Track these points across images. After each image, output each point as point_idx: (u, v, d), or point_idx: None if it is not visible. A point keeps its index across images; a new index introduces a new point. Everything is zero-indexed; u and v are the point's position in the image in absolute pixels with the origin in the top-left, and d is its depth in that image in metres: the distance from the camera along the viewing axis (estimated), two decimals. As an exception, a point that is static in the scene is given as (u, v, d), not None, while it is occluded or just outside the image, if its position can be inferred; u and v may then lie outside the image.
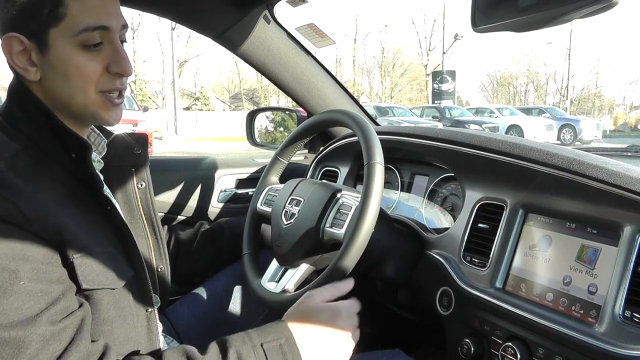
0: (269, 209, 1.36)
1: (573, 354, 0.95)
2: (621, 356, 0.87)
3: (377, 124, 1.97)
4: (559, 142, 18.46)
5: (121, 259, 0.94)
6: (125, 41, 0.98)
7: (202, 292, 1.42)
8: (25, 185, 0.80)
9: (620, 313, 0.91)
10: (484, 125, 16.99)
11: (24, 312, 0.74)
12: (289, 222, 1.23)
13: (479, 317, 1.15)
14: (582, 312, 0.98)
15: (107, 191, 1.03)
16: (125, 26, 0.96)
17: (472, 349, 1.13)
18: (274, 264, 1.28)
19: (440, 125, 16.92)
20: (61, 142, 0.92)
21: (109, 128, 1.16)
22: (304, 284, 1.17)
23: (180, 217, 1.85)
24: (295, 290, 1.18)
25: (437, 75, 26.52)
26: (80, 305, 0.83)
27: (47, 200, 0.82)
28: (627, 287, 0.91)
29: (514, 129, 18.53)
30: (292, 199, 1.27)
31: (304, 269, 1.21)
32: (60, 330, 0.77)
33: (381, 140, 1.14)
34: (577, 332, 0.94)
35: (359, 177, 1.71)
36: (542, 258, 1.08)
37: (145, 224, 1.17)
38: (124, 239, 0.98)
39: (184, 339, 1.33)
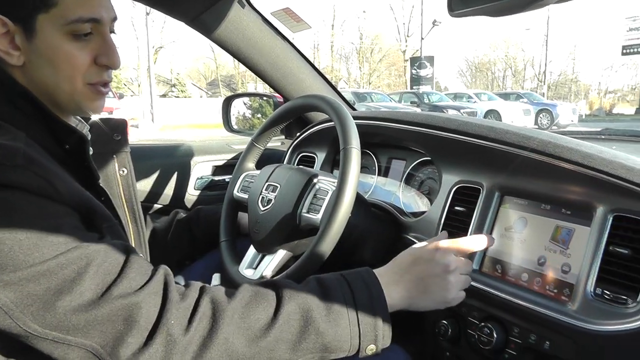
0: (245, 196, 1.35)
1: (547, 332, 0.97)
2: (592, 331, 0.89)
3: (353, 109, 1.97)
4: (536, 126, 18.58)
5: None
6: (115, 32, 0.96)
7: (179, 281, 1.39)
8: (48, 163, 0.79)
9: (592, 291, 0.92)
10: (462, 110, 17.05)
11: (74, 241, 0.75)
12: (265, 208, 1.23)
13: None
14: (555, 291, 1.00)
15: (102, 182, 1.02)
16: (115, 18, 0.94)
17: (450, 330, 1.15)
18: (252, 250, 1.28)
19: (418, 111, 16.98)
20: (51, 133, 0.89)
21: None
22: (282, 270, 1.17)
23: (157, 206, 1.83)
24: (272, 277, 1.18)
25: (415, 61, 26.56)
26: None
27: (70, 180, 0.82)
28: (598, 265, 0.93)
29: (492, 113, 18.64)
30: (268, 185, 1.26)
31: (281, 255, 1.21)
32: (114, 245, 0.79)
33: (358, 125, 1.14)
34: (551, 311, 0.96)
35: (335, 162, 1.71)
36: (517, 239, 1.09)
37: (127, 212, 1.15)
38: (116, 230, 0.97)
39: None
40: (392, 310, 0.92)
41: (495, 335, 1.04)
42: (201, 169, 1.92)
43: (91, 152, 1.06)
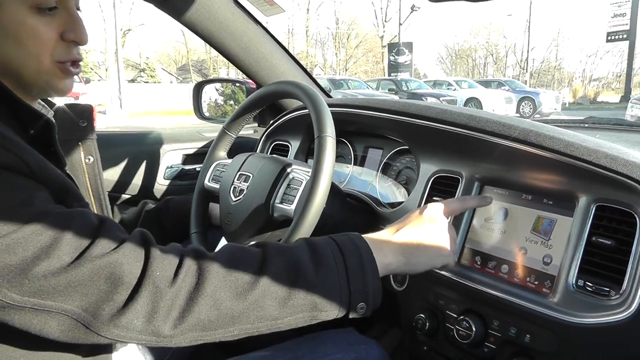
0: (217, 186, 1.33)
1: (527, 325, 0.97)
2: (574, 324, 0.89)
3: (329, 96, 1.95)
4: (518, 114, 18.68)
5: None
6: (80, 9, 0.92)
7: None
8: (20, 140, 0.75)
9: (574, 282, 0.92)
10: (441, 98, 17.10)
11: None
12: (237, 198, 1.21)
13: (433, 291, 1.16)
14: (536, 282, 0.99)
15: (68, 170, 0.99)
16: None
17: (427, 323, 1.14)
18: (223, 242, 1.25)
19: (396, 98, 17.03)
20: (15, 117, 0.85)
21: (50, 99, 1.11)
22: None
23: (125, 196, 1.80)
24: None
25: (393, 47, 26.61)
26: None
27: (42, 158, 0.78)
28: (580, 256, 0.93)
29: (473, 101, 18.75)
30: (240, 174, 1.24)
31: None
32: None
33: (333, 113, 1.12)
34: (532, 303, 0.96)
35: (310, 151, 1.70)
36: (497, 230, 1.09)
37: (93, 202, 1.13)
38: None
39: None
40: (387, 272, 0.93)
41: (474, 329, 1.03)
42: (171, 158, 1.89)
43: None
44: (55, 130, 0.91)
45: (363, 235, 0.94)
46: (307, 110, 1.13)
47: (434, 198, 1.22)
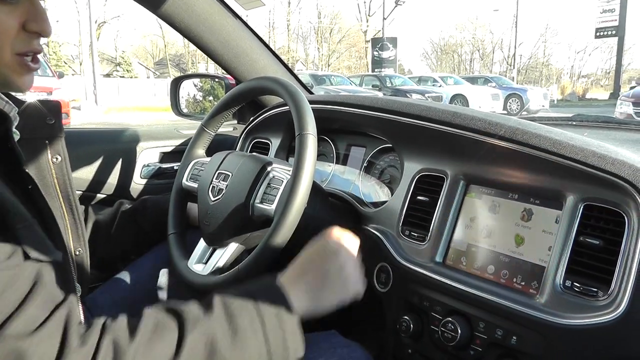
0: (195, 185, 1.31)
1: (514, 326, 0.97)
2: (561, 325, 0.89)
3: (310, 92, 1.95)
4: (505, 112, 18.67)
5: (48, 242, 0.89)
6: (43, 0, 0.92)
7: (124, 277, 1.37)
8: None
9: (561, 283, 0.92)
10: (426, 95, 17.12)
11: None
12: (216, 198, 1.20)
13: (418, 293, 1.15)
14: (523, 283, 1.00)
15: (33, 170, 0.96)
16: None
17: (412, 325, 1.13)
18: (202, 244, 1.24)
19: (380, 95, 17.04)
20: None
21: (19, 96, 1.09)
22: (234, 264, 1.15)
23: (100, 196, 1.77)
24: (223, 271, 1.16)
25: (377, 42, 26.66)
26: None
27: None
28: (568, 256, 0.93)
29: (459, 98, 18.79)
30: (219, 173, 1.23)
31: (233, 248, 1.19)
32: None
33: (315, 110, 1.12)
34: (518, 304, 0.96)
35: (291, 149, 1.69)
36: (483, 230, 1.09)
37: (62, 203, 1.11)
38: (45, 221, 0.91)
39: None
40: (303, 316, 0.90)
41: (459, 331, 1.03)
42: (148, 156, 1.87)
43: (18, 137, 0.99)
44: (11, 125, 0.89)
45: (282, 277, 0.94)
46: (288, 107, 1.13)
47: (418, 197, 1.22)
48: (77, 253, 1.15)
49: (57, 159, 1.10)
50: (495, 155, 1.08)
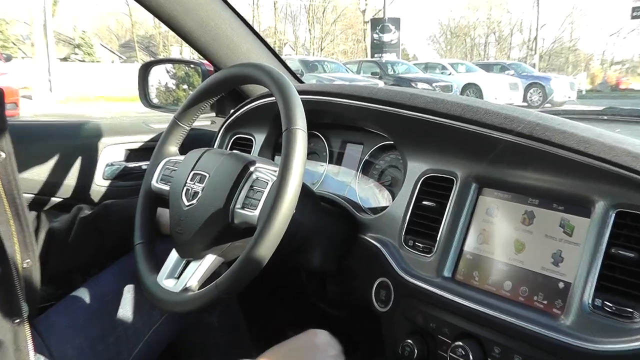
0: (166, 187, 1.31)
1: (535, 352, 0.96)
2: (590, 351, 0.88)
3: (300, 81, 1.96)
4: (525, 104, 18.50)
5: None
6: None
7: (83, 294, 1.36)
8: None
9: (590, 302, 0.92)
10: (434, 84, 17.10)
11: None
12: (191, 203, 1.20)
13: (423, 312, 1.16)
14: (545, 302, 0.99)
15: None
16: None
17: (416, 350, 1.14)
18: (174, 255, 1.24)
19: (381, 84, 17.01)
20: None
21: None
22: (211, 279, 1.15)
23: (54, 200, 1.76)
24: (199, 288, 1.17)
25: (377, 23, 26.61)
26: None
27: None
28: (597, 271, 0.92)
29: (471, 88, 18.72)
30: (195, 174, 1.23)
31: (210, 260, 1.18)
32: None
33: (305, 101, 1.12)
34: (540, 326, 0.95)
35: (277, 146, 1.71)
36: (499, 240, 1.09)
37: (7, 207, 1.10)
38: None
39: (57, 357, 1.23)
40: None
41: (471, 357, 1.03)
42: (112, 154, 1.87)
43: None
44: None
45: None
46: (273, 98, 1.13)
47: (424, 202, 1.23)
48: (25, 265, 1.14)
49: (0, 156, 1.10)
50: (513, 154, 1.09)
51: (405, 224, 1.25)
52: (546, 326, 0.95)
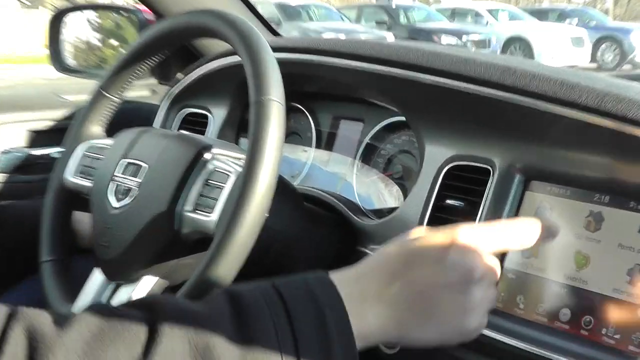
0: (87, 183, 1.31)
1: None
2: None
3: (276, 34, 1.96)
4: (594, 65, 18.60)
5: None
6: None
7: None
8: None
9: None
10: (465, 38, 17.11)
11: None
12: (122, 204, 1.20)
13: (447, 354, 1.15)
14: (617, 336, 0.99)
15: None
16: None
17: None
18: (97, 277, 1.25)
19: (390, 37, 16.96)
20: None
21: None
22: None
23: None
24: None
25: (384, -49, 26.66)
26: None
27: None
28: None
29: (517, 43, 18.64)
30: (127, 164, 1.23)
31: (148, 284, 1.19)
32: None
33: (282, 62, 1.12)
34: None
35: (243, 125, 1.73)
36: (557, 252, 1.10)
37: None
38: None
39: None
40: (366, 346, 0.90)
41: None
42: (8, 137, 1.88)
43: None
44: None
45: (333, 278, 0.91)
46: (238, 59, 1.13)
47: (448, 202, 1.24)
48: None
49: None
50: (574, 136, 1.10)
51: (424, 232, 1.25)
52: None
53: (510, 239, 1.00)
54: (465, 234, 0.95)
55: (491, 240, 0.98)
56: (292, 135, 1.64)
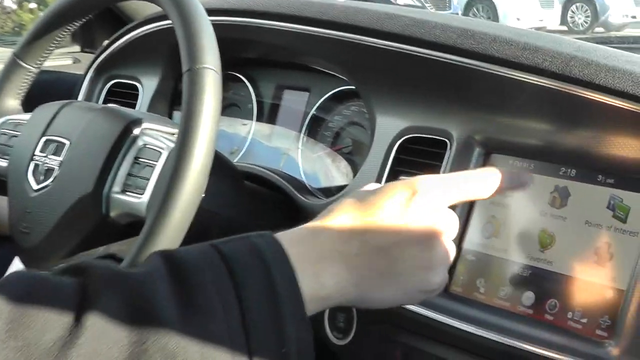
0: (3, 163, 1.32)
1: None
2: None
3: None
4: (564, 27, 18.69)
5: None
6: None
7: None
8: None
9: None
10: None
11: None
12: (42, 186, 1.19)
13: (402, 345, 1.18)
14: (584, 320, 1.00)
15: None
16: None
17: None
18: (17, 267, 1.24)
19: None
20: None
21: None
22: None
23: None
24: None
25: None
26: None
27: None
28: None
29: (480, 4, 18.49)
30: (47, 141, 1.23)
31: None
32: None
33: (218, 25, 1.11)
34: (578, 356, 0.96)
35: (176, 96, 1.71)
36: (514, 232, 1.11)
37: None
38: None
39: None
40: (322, 307, 0.91)
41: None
42: None
43: None
44: None
45: (278, 236, 0.89)
46: (169, 22, 1.12)
47: (402, 178, 1.23)
48: None
49: None
50: (538, 105, 1.10)
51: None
52: (587, 356, 0.96)
53: (471, 189, 1.01)
54: (425, 186, 0.96)
55: (451, 191, 0.99)
56: (231, 107, 1.63)
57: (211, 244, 0.86)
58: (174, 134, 1.17)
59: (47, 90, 1.58)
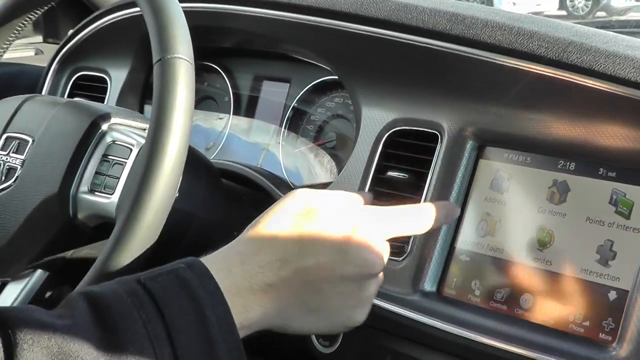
0: None
1: None
2: None
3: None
4: (563, 12, 18.73)
5: None
6: None
7: None
8: None
9: None
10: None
11: None
12: (4, 187, 1.19)
13: (391, 350, 1.18)
14: (587, 324, 1.00)
15: None
16: None
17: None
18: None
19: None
20: None
21: None
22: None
23: None
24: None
25: None
26: None
27: None
28: None
29: (473, -13, 18.77)
30: (8, 138, 1.23)
31: (40, 280, 1.18)
32: None
33: (191, 12, 1.11)
34: None
35: (147, 89, 1.72)
36: (512, 229, 1.11)
37: None
38: None
39: None
40: (244, 335, 0.90)
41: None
42: None
43: None
44: None
45: (208, 265, 0.90)
46: (138, 10, 1.11)
47: (390, 174, 1.23)
48: None
49: None
50: (534, 94, 1.10)
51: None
52: (590, 360, 0.96)
53: (408, 223, 1.07)
54: (366, 221, 1.01)
55: (390, 227, 1.04)
56: (206, 100, 1.63)
57: (138, 280, 0.87)
58: (144, 130, 1.17)
59: (7, 84, 1.58)
